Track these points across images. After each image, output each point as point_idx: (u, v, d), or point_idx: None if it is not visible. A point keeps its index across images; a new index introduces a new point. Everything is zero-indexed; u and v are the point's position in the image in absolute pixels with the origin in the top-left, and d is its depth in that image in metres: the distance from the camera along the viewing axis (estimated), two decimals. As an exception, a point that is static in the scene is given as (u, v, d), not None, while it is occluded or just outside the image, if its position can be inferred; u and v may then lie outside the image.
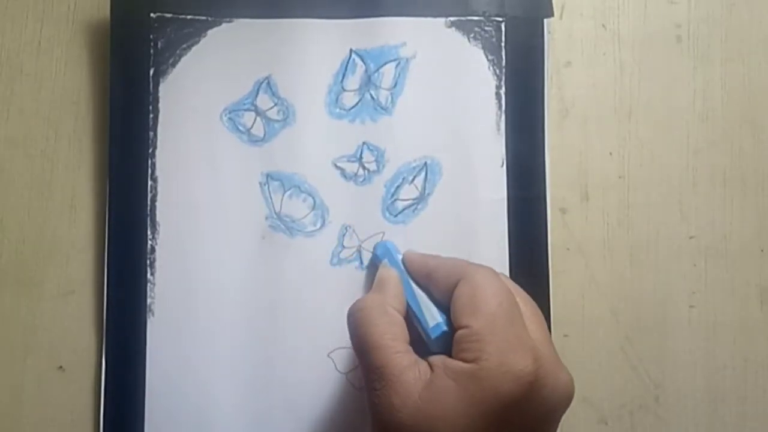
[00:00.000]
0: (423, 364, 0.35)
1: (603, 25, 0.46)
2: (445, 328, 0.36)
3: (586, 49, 0.46)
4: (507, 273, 0.43)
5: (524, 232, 0.43)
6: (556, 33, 0.45)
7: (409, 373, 0.34)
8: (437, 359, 0.34)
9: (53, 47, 0.44)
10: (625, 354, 0.44)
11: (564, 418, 0.43)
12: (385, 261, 0.41)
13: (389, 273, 0.40)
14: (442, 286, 0.37)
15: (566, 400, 0.36)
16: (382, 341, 0.35)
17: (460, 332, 0.34)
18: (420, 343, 0.37)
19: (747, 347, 0.44)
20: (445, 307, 0.37)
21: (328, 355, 0.42)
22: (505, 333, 0.34)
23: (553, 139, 0.45)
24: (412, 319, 0.38)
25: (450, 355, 0.34)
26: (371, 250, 0.43)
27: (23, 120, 0.44)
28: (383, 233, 0.43)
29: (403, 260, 0.40)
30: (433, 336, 0.36)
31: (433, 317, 0.37)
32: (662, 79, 0.45)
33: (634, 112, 0.45)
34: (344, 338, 0.40)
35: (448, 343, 0.35)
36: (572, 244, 0.44)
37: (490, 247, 0.43)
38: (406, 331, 0.36)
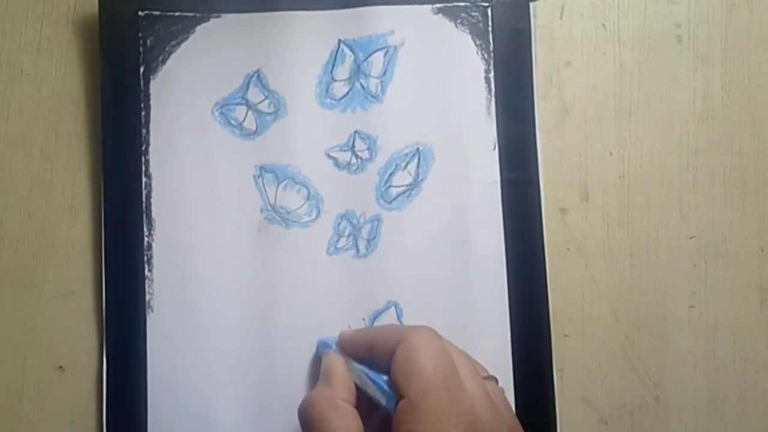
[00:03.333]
0: None
1: (603, 25, 0.46)
2: (394, 396, 0.36)
3: (586, 49, 0.46)
4: (503, 257, 0.43)
5: (519, 214, 0.43)
6: (556, 33, 0.46)
7: None
8: None
9: (53, 47, 0.44)
10: (625, 354, 0.44)
11: (564, 418, 0.43)
12: (328, 350, 0.41)
13: (333, 361, 0.39)
14: (384, 354, 0.37)
15: None
16: None
17: (399, 404, 0.35)
18: (380, 413, 0.37)
19: (747, 347, 0.44)
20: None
21: (323, 338, 0.42)
22: (439, 400, 0.34)
23: (553, 139, 0.45)
24: (366, 395, 0.38)
25: None
26: (367, 237, 0.43)
27: (23, 120, 0.44)
28: (379, 220, 0.43)
29: (337, 343, 0.40)
30: (389, 410, 0.36)
31: (382, 394, 0.36)
32: (662, 79, 0.45)
33: (634, 112, 0.45)
34: (345, 328, 0.41)
35: None
36: (572, 244, 0.44)
37: (485, 231, 0.43)
38: (357, 420, 0.36)
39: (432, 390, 0.34)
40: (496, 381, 0.38)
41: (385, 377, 0.37)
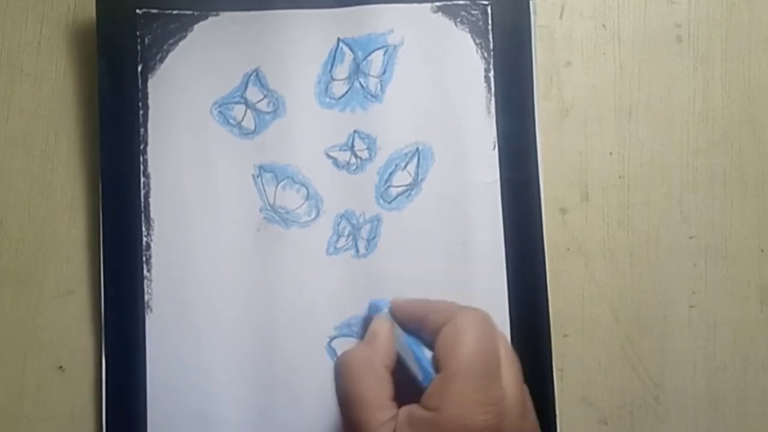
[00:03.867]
0: (400, 415, 0.35)
1: (603, 25, 0.46)
2: (432, 374, 0.36)
3: (586, 49, 0.46)
4: (502, 256, 0.43)
5: (519, 213, 0.43)
6: (556, 33, 0.46)
7: (385, 428, 0.35)
8: (406, 409, 0.35)
9: (53, 47, 0.44)
10: (625, 354, 0.44)
11: (564, 418, 0.43)
12: (380, 313, 0.40)
13: (381, 325, 0.39)
14: (433, 328, 0.37)
15: None
16: (366, 396, 0.35)
17: (433, 378, 0.35)
18: (415, 387, 0.37)
19: (747, 347, 0.44)
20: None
21: (329, 344, 0.42)
22: (473, 383, 0.34)
23: (553, 139, 0.45)
24: (405, 366, 0.38)
25: None
26: (366, 237, 0.43)
27: (23, 120, 0.44)
28: (378, 220, 0.43)
29: (390, 309, 0.40)
30: (425, 386, 0.36)
31: (420, 369, 0.37)
32: (662, 79, 0.45)
33: (634, 112, 0.45)
34: (344, 327, 0.41)
35: None
36: (572, 244, 0.44)
37: (485, 230, 0.43)
38: (390, 386, 0.36)
39: (467, 372, 0.34)
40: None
41: (429, 353, 0.37)
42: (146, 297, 0.42)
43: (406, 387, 0.37)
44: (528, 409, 0.36)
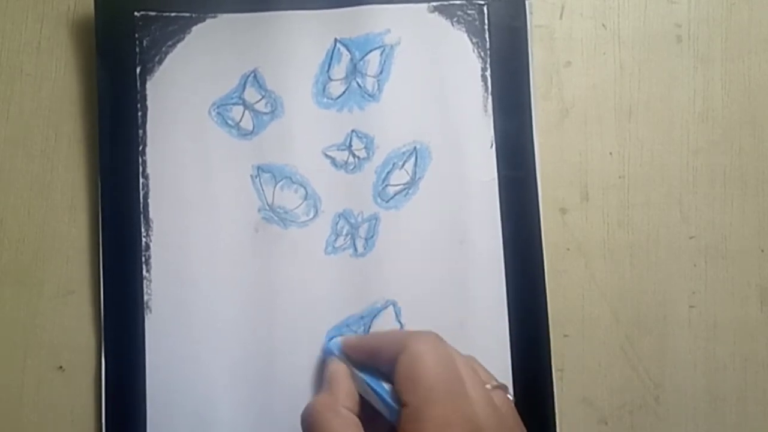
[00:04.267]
0: None
1: (603, 25, 0.46)
2: (396, 408, 0.35)
3: (586, 49, 0.46)
4: (501, 255, 0.43)
5: (517, 212, 0.43)
6: (556, 33, 0.46)
7: None
8: None
9: (53, 47, 0.44)
10: (625, 354, 0.44)
11: (564, 418, 0.43)
12: (332, 357, 0.40)
13: (337, 369, 0.39)
14: (387, 360, 0.37)
15: None
16: None
17: (403, 411, 0.34)
18: (384, 423, 0.37)
19: (747, 347, 0.44)
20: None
21: (327, 344, 0.42)
22: (443, 407, 0.33)
23: (553, 139, 0.45)
24: (370, 405, 0.37)
25: None
26: (365, 236, 0.43)
27: (23, 120, 0.44)
28: (376, 219, 0.43)
29: (341, 350, 0.40)
30: (392, 420, 0.36)
31: (384, 405, 0.36)
32: (662, 79, 0.45)
33: (634, 112, 0.45)
34: (342, 326, 0.42)
35: None
36: (572, 244, 0.44)
37: (483, 229, 0.43)
38: (360, 428, 0.36)
39: (435, 398, 0.34)
40: (506, 390, 0.38)
41: (387, 386, 0.36)
42: (146, 297, 0.42)
43: (373, 424, 0.37)
44: (506, 416, 0.36)
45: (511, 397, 0.37)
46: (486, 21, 0.44)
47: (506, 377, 0.42)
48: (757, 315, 0.44)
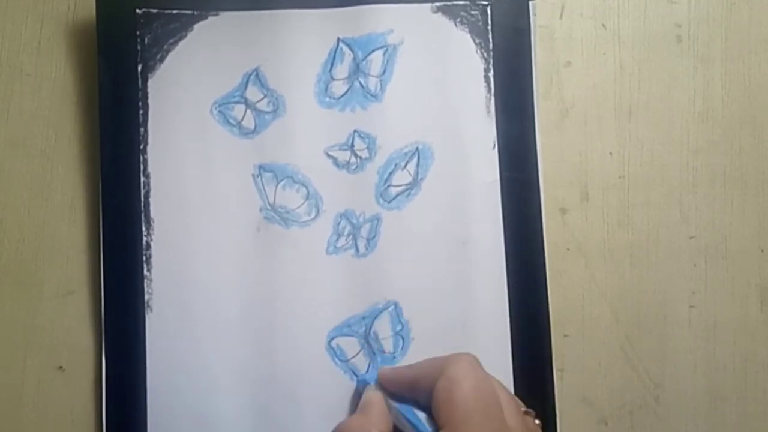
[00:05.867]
0: None
1: (603, 25, 0.46)
2: None
3: (586, 49, 0.46)
4: (502, 256, 0.43)
5: (519, 213, 0.43)
6: (556, 33, 0.46)
7: None
8: None
9: (53, 47, 0.44)
10: (625, 354, 0.44)
11: (564, 418, 0.43)
12: (371, 385, 0.40)
13: (373, 395, 0.39)
14: (426, 388, 0.36)
15: None
16: None
17: None
18: None
19: (747, 347, 0.44)
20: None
21: (329, 344, 0.42)
22: (480, 428, 0.33)
23: (553, 139, 0.45)
24: None
25: None
26: (366, 236, 0.43)
27: (23, 120, 0.44)
28: (378, 219, 0.43)
29: (378, 381, 0.40)
30: None
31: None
32: (662, 79, 0.45)
33: (634, 112, 0.45)
34: (344, 326, 0.41)
35: None
36: (572, 244, 0.44)
37: (485, 230, 0.43)
38: None
39: (474, 420, 0.33)
40: (534, 416, 0.38)
41: (423, 415, 0.36)
42: (146, 297, 0.42)
43: None
44: None
45: (538, 423, 0.37)
46: (489, 21, 0.44)
47: (507, 377, 0.42)
48: (757, 315, 0.44)
